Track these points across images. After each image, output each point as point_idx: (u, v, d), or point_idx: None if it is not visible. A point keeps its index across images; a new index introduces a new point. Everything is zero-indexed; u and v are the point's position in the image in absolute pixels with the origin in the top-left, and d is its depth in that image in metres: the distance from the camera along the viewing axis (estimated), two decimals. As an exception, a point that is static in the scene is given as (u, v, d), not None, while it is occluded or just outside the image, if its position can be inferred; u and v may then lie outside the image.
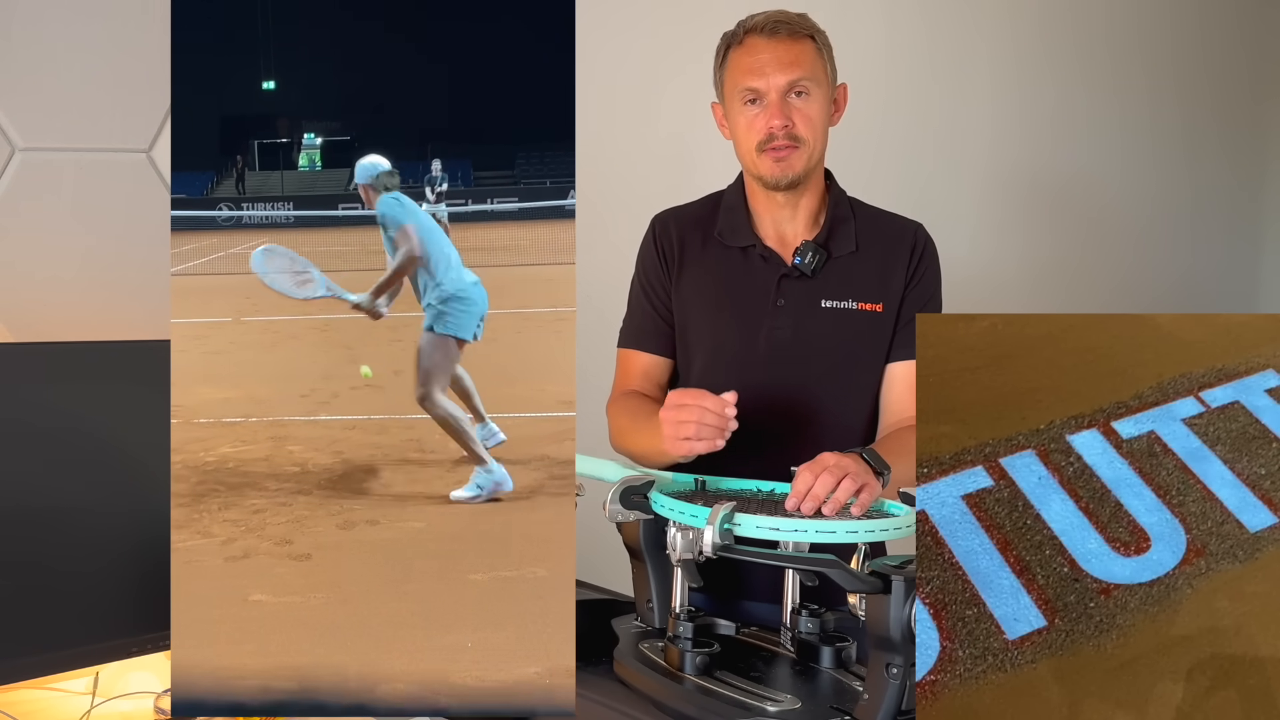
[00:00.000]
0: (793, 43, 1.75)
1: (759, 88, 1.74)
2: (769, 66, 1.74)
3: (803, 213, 1.84)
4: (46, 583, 1.66)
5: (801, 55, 1.75)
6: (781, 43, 1.74)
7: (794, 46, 1.74)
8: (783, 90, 1.74)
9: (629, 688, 1.42)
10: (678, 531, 1.40)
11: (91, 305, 2.01)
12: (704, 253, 1.87)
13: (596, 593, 1.79)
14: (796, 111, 1.75)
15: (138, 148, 2.05)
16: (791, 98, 1.75)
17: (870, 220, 1.88)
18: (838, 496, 1.41)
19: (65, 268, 1.99)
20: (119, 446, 1.74)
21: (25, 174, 1.95)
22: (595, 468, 1.59)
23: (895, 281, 1.84)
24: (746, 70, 1.75)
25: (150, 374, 1.77)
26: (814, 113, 1.76)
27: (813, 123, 1.76)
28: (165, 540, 1.77)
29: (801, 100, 1.75)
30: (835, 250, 1.83)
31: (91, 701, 1.78)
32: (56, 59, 1.96)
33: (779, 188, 1.79)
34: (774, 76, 1.73)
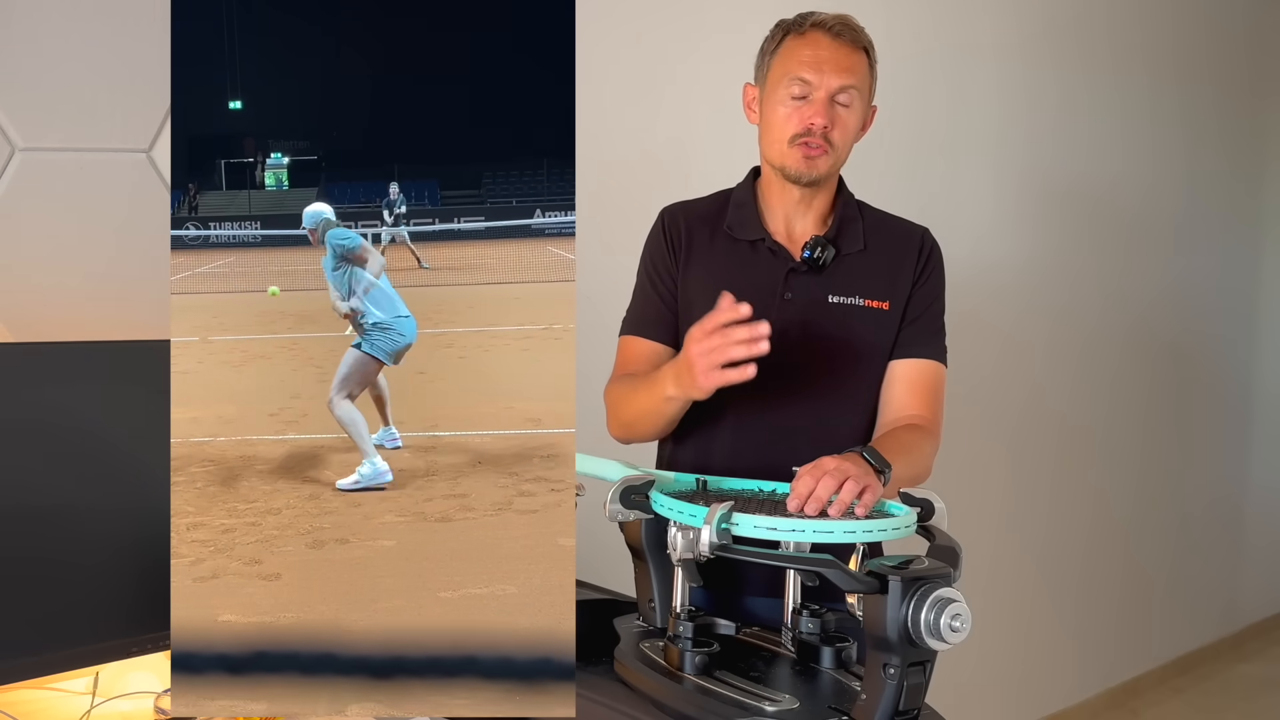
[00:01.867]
0: (852, 49, 1.77)
1: (812, 81, 1.76)
2: (827, 65, 1.75)
3: (814, 211, 1.86)
4: (46, 582, 1.66)
5: (857, 64, 1.78)
6: (843, 46, 1.77)
7: (852, 54, 1.77)
8: (833, 91, 1.76)
9: (629, 687, 1.42)
10: (678, 531, 1.39)
11: (91, 305, 2.01)
12: (712, 245, 1.88)
13: (597, 593, 1.79)
14: (838, 116, 1.77)
15: (138, 148, 2.05)
16: (837, 102, 1.76)
17: (878, 222, 1.90)
18: (842, 498, 1.41)
19: (65, 268, 1.99)
20: (119, 446, 1.74)
21: (25, 174, 1.95)
22: (595, 467, 1.59)
23: (902, 281, 1.85)
24: (804, 62, 1.76)
25: (150, 374, 1.77)
26: (852, 122, 1.79)
27: (848, 131, 1.79)
28: (165, 540, 1.77)
29: (844, 109, 1.77)
30: (844, 248, 1.84)
31: (91, 701, 1.78)
32: (56, 59, 1.96)
33: (800, 182, 1.81)
34: (829, 76, 1.75)
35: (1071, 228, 3.96)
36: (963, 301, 3.47)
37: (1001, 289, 3.68)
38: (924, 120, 3.40)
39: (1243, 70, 4.77)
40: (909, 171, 3.35)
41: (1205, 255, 4.67)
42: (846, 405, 1.85)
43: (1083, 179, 3.99)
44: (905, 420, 1.81)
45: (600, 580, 1.88)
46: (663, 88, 2.72)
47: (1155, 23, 4.21)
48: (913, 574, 1.23)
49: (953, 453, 2.67)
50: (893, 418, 1.83)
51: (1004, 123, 3.65)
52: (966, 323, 3.36)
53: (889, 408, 1.85)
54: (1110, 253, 4.13)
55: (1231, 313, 4.88)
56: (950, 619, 1.21)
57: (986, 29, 3.56)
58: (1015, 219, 3.74)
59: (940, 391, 1.86)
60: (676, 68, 2.73)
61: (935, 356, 1.86)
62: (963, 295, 3.46)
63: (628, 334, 1.92)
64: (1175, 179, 4.44)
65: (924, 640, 1.21)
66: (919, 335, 1.85)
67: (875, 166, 3.22)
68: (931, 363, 1.85)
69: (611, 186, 2.64)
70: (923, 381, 1.84)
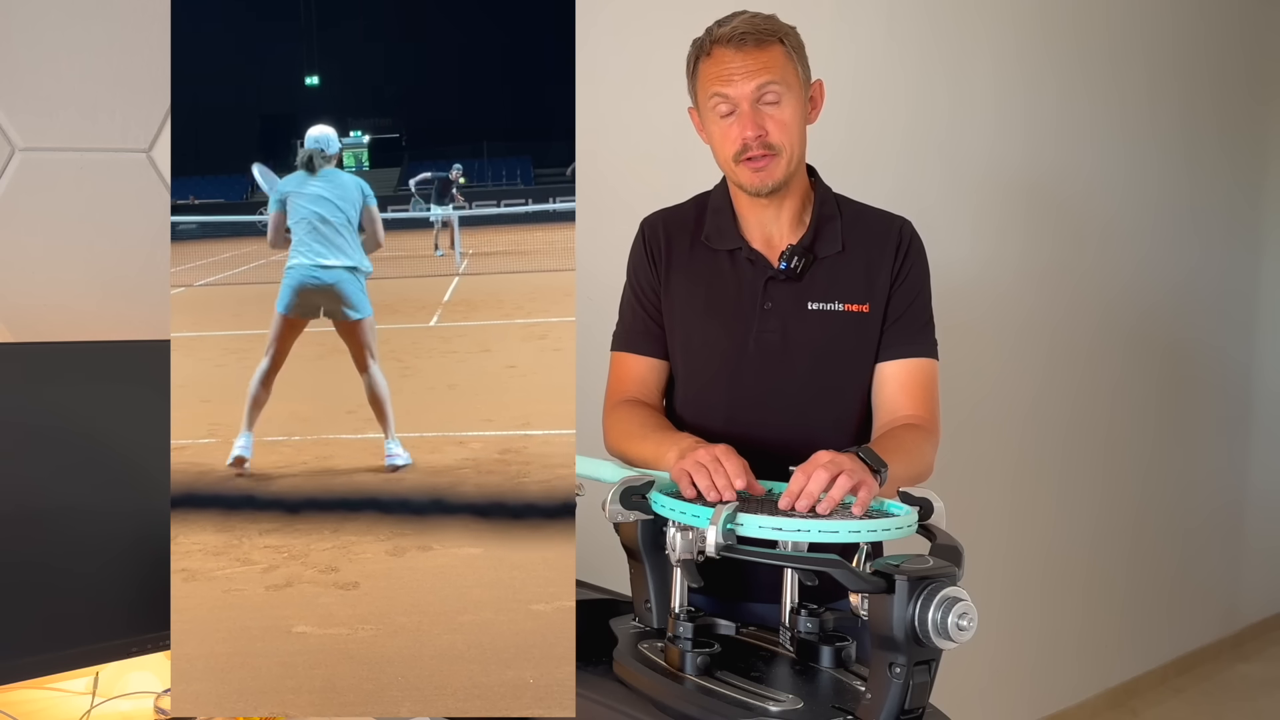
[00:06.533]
0: (760, 51, 1.72)
1: (729, 95, 1.73)
2: (737, 75, 1.72)
3: (787, 213, 1.84)
4: (46, 582, 1.66)
5: (770, 61, 1.73)
6: (749, 52, 1.72)
7: (761, 54, 1.72)
8: (752, 99, 1.72)
9: (629, 688, 1.42)
10: (677, 532, 1.40)
11: (91, 305, 2.00)
12: (691, 256, 1.87)
13: (596, 593, 1.79)
14: (769, 119, 1.74)
15: (138, 148, 2.05)
16: (763, 105, 1.73)
17: (856, 218, 1.87)
18: (832, 494, 1.41)
19: (65, 268, 1.99)
20: (118, 446, 1.73)
21: (25, 174, 1.95)
22: (594, 468, 1.59)
23: (881, 281, 1.83)
24: (715, 80, 1.74)
25: (150, 374, 1.76)
26: (787, 117, 1.75)
27: (786, 127, 1.75)
28: (165, 540, 1.77)
29: (773, 107, 1.74)
30: (821, 251, 1.83)
31: (91, 701, 1.78)
32: (56, 59, 1.96)
33: (760, 195, 1.79)
34: (742, 84, 1.72)
35: (1072, 230, 3.96)
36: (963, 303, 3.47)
37: (1002, 290, 3.68)
38: (924, 122, 3.40)
39: (1243, 73, 4.78)
40: (909, 172, 3.35)
41: (1206, 258, 4.67)
42: (833, 411, 1.84)
43: (1083, 182, 3.98)
44: (901, 421, 1.80)
45: (601, 580, 1.88)
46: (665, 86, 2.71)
47: (1155, 26, 4.21)
48: (919, 573, 1.23)
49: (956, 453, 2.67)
50: (888, 420, 1.83)
51: (1003, 125, 3.65)
52: (967, 325, 3.37)
53: (883, 410, 1.84)
54: (1111, 254, 4.13)
55: (1232, 315, 4.88)
56: (958, 618, 1.21)
57: (986, 32, 3.56)
58: (1015, 221, 3.74)
59: (933, 387, 1.85)
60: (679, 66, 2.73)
61: (924, 353, 1.84)
62: (963, 297, 3.47)
63: (618, 350, 1.92)
64: (1176, 182, 4.44)
65: (930, 639, 1.21)
66: (904, 334, 1.84)
67: (875, 167, 3.23)
68: (921, 360, 1.84)
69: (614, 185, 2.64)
70: (913, 380, 1.83)
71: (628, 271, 1.93)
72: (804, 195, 1.86)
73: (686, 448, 1.57)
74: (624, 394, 1.88)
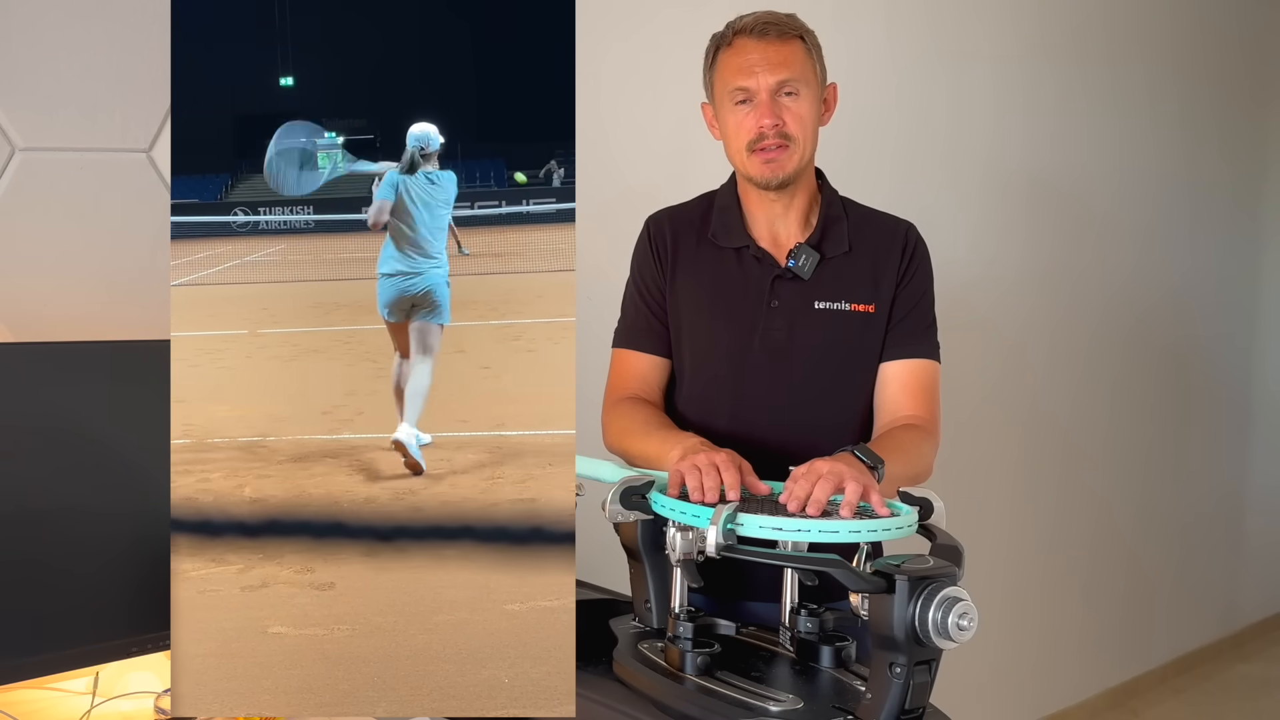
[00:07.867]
0: (781, 43, 1.75)
1: (749, 86, 1.75)
2: (758, 66, 1.74)
3: (795, 212, 1.85)
4: (46, 582, 1.66)
5: (790, 55, 1.75)
6: (770, 44, 1.75)
7: (783, 47, 1.75)
8: (772, 90, 1.75)
9: (629, 688, 1.42)
10: (677, 532, 1.39)
11: (91, 305, 2.00)
12: (698, 253, 1.87)
13: (596, 592, 1.79)
14: (786, 111, 1.75)
15: (138, 148, 2.05)
16: (781, 97, 1.75)
17: (862, 220, 1.89)
18: (848, 498, 1.41)
19: (65, 268, 1.99)
20: (118, 447, 1.73)
21: (25, 174, 1.94)
22: (594, 468, 1.59)
23: (887, 282, 1.84)
24: (736, 70, 1.76)
25: (150, 374, 1.76)
26: (804, 111, 1.77)
27: (803, 121, 1.77)
28: (165, 540, 1.77)
29: (791, 100, 1.76)
30: (828, 251, 1.83)
31: (91, 701, 1.78)
32: (56, 59, 1.96)
33: (770, 187, 1.80)
34: (763, 76, 1.74)
35: (1072, 229, 3.96)
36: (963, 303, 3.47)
37: (1003, 291, 3.68)
38: (925, 121, 3.40)
39: (1242, 72, 4.78)
40: (908, 172, 3.35)
41: (1206, 258, 4.67)
42: (836, 410, 1.85)
43: (1083, 182, 3.99)
44: (901, 421, 1.81)
45: (600, 580, 1.88)
46: (666, 85, 2.71)
47: (1154, 26, 4.21)
48: (920, 573, 1.23)
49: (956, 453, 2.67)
50: (889, 419, 1.83)
51: (1003, 126, 3.65)
52: (967, 325, 3.37)
53: (884, 410, 1.85)
54: (1111, 255, 4.13)
55: (1232, 315, 4.88)
56: (958, 618, 1.21)
57: (985, 33, 3.56)
58: (1015, 221, 3.74)
59: (934, 389, 1.86)
60: (680, 66, 2.73)
61: (926, 354, 1.85)
62: (963, 297, 3.46)
63: (620, 347, 1.92)
64: (1176, 181, 4.44)
65: (931, 639, 1.21)
66: (908, 335, 1.85)
67: (874, 168, 3.23)
68: (923, 361, 1.84)
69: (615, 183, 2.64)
70: (915, 381, 1.83)
71: (631, 268, 1.93)
72: (812, 195, 1.87)
73: (690, 448, 1.57)
74: (625, 391, 1.88)
